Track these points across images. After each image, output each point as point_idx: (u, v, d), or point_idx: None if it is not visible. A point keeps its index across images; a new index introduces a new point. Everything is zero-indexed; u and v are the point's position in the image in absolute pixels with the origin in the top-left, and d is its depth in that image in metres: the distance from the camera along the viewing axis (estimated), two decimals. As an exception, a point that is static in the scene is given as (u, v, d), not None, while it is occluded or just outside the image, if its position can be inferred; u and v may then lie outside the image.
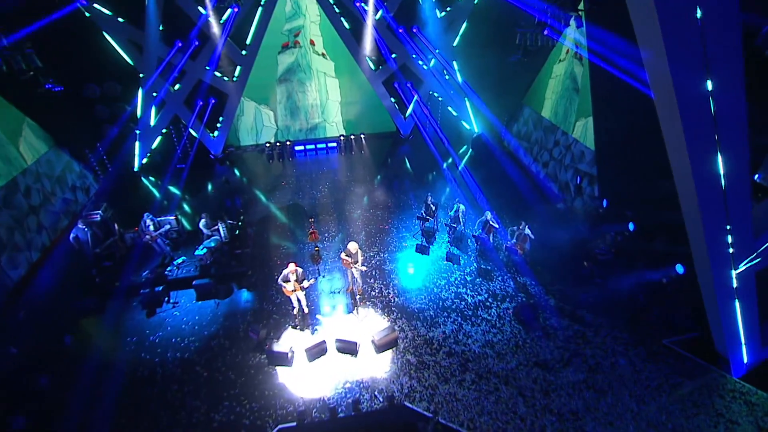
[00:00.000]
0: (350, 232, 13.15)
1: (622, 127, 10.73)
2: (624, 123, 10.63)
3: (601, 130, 11.50)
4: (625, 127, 10.62)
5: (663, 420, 7.97)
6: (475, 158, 17.86)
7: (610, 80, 10.16)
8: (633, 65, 9.67)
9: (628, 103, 10.22)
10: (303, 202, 14.88)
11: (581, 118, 12.64)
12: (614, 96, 10.66)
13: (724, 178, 5.29)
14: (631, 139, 10.46)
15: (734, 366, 8.89)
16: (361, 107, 19.11)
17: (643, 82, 9.48)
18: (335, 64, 18.07)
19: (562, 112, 13.66)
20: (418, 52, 16.73)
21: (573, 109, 12.99)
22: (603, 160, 11.69)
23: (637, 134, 10.30)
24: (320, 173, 16.88)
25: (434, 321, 10.04)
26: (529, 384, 8.61)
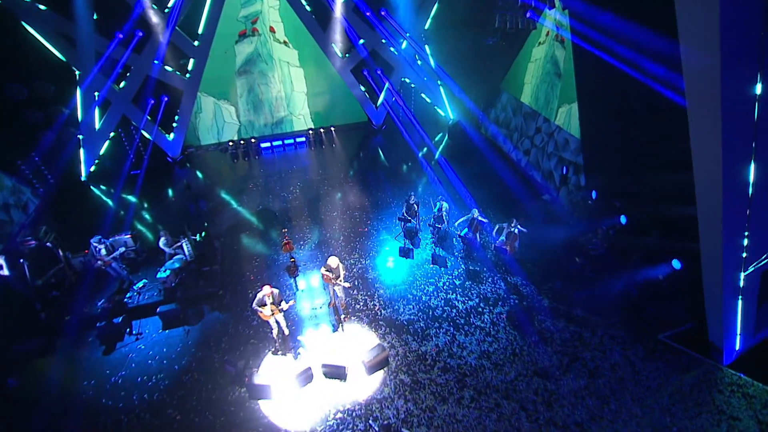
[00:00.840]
0: (327, 238, 12.25)
1: (609, 114, 10.24)
2: (612, 109, 10.14)
3: (587, 117, 10.98)
4: (612, 113, 10.13)
5: (668, 423, 7.74)
6: (453, 146, 17.14)
7: (596, 64, 9.56)
8: (622, 48, 9.10)
9: (616, 88, 9.69)
10: (274, 207, 13.78)
11: (564, 105, 12.09)
12: (601, 81, 10.11)
13: (753, 186, 4.79)
14: (619, 126, 9.99)
15: (726, 354, 8.82)
16: (329, 98, 17.91)
17: (633, 66, 8.94)
18: (299, 52, 16.71)
19: (543, 97, 13.08)
20: (387, 36, 15.63)
21: (555, 94, 12.41)
22: (589, 149, 11.23)
23: (626, 121, 9.83)
24: (290, 172, 15.72)
25: (425, 333, 9.43)
26: (530, 396, 8.18)
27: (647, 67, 8.67)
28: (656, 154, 9.28)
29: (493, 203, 13.40)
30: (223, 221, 13.15)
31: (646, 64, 8.67)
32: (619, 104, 9.83)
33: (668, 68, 8.33)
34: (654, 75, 8.60)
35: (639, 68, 8.85)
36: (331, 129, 17.83)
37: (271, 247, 12.03)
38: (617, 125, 10.09)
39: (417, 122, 17.75)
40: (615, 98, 9.90)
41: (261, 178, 15.39)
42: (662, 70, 8.47)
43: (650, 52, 8.46)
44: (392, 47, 16.20)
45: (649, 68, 8.64)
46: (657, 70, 8.54)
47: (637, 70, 8.91)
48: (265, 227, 12.83)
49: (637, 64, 8.87)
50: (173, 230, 11.51)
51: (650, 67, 8.62)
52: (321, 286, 10.52)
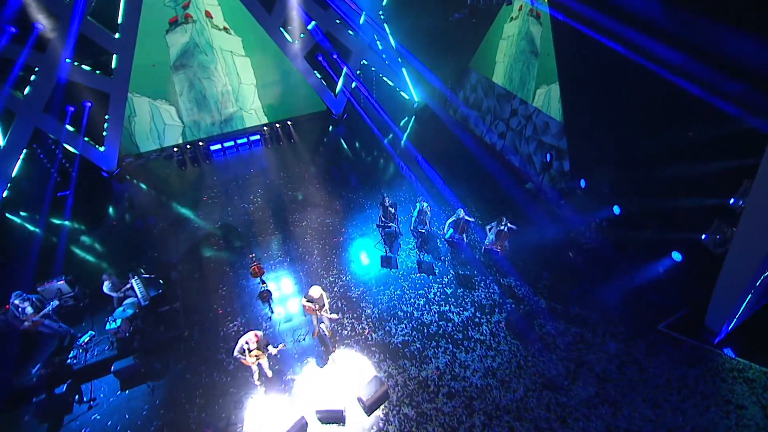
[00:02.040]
0: (300, 254, 11.03)
1: (595, 96, 9.55)
2: (597, 90, 9.45)
3: (570, 99, 10.27)
4: (598, 95, 9.45)
5: (681, 423, 7.55)
6: (422, 130, 16.09)
7: (578, 40, 8.77)
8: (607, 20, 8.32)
9: (602, 66, 8.98)
10: (235, 221, 12.26)
11: (542, 85, 11.31)
12: (584, 59, 9.36)
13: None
14: (606, 108, 9.36)
15: (720, 336, 8.81)
16: (282, 88, 16.11)
17: (620, 41, 8.20)
18: (243, 39, 14.71)
19: (519, 78, 12.22)
20: (343, 16, 14.01)
21: (532, 74, 11.58)
22: (573, 133, 10.60)
23: (613, 103, 9.19)
24: (248, 177, 14.10)
25: (423, 355, 8.68)
26: (542, 414, 7.71)
27: (637, 41, 7.96)
28: (648, 138, 8.76)
29: (474, 195, 12.63)
30: (177, 245, 11.52)
31: (636, 38, 7.96)
32: (606, 84, 9.15)
33: (661, 42, 7.66)
34: (645, 50, 7.91)
35: (627, 43, 8.14)
36: (288, 123, 16.16)
37: (238, 271, 10.67)
38: (604, 107, 9.46)
39: (380, 108, 16.49)
40: (601, 78, 9.21)
41: (216, 187, 13.67)
42: (654, 45, 7.80)
43: (639, 24, 7.73)
44: (350, 30, 14.61)
45: (639, 43, 7.94)
46: (649, 45, 7.85)
47: (624, 45, 8.20)
48: (229, 247, 11.37)
49: (624, 39, 8.15)
50: (119, 262, 9.90)
51: (640, 42, 7.92)
52: (301, 312, 9.42)
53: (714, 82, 7.09)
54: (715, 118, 7.28)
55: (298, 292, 10.00)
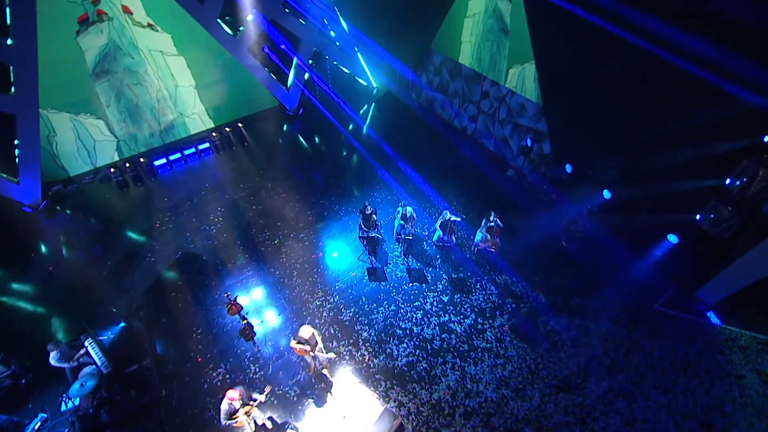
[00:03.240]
0: (278, 279, 10.00)
1: (575, 74, 9.03)
2: (578, 68, 8.92)
3: (548, 79, 9.70)
4: (579, 73, 8.94)
5: (692, 405, 7.63)
6: (385, 119, 15.11)
7: (554, 15, 8.14)
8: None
9: (582, 43, 8.43)
10: (197, 248, 10.90)
11: (515, 65, 10.68)
12: (562, 36, 8.76)
13: None
14: (588, 86, 8.89)
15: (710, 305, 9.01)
16: (227, 87, 14.38)
17: (602, 15, 7.65)
18: (173, 35, 12.76)
19: (489, 58, 11.50)
20: (288, 1, 12.45)
21: (503, 54, 10.90)
22: (553, 116, 10.11)
23: (595, 81, 8.73)
24: (203, 193, 12.58)
25: (432, 375, 8.16)
26: (562, 418, 7.50)
27: (619, 12, 7.45)
28: (635, 119, 8.43)
29: (453, 187, 12.00)
30: (133, 285, 10.08)
31: (618, 9, 7.44)
32: (586, 61, 8.64)
33: (644, 12, 7.18)
34: (627, 23, 7.42)
35: (608, 15, 7.61)
36: (239, 125, 14.56)
37: (211, 307, 9.51)
38: (585, 87, 8.99)
39: (338, 98, 15.25)
40: (581, 55, 8.67)
41: (168, 209, 12.08)
42: (636, 15, 7.32)
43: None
44: (297, 16, 13.07)
45: (622, 14, 7.43)
46: (631, 16, 7.36)
47: (605, 18, 7.66)
48: (195, 281, 10.10)
49: (605, 10, 7.61)
50: (65, 320, 8.44)
51: (623, 13, 7.42)
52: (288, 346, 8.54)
53: (706, 55, 6.70)
54: (707, 95, 6.99)
55: (284, 323, 9.07)
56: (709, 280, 8.41)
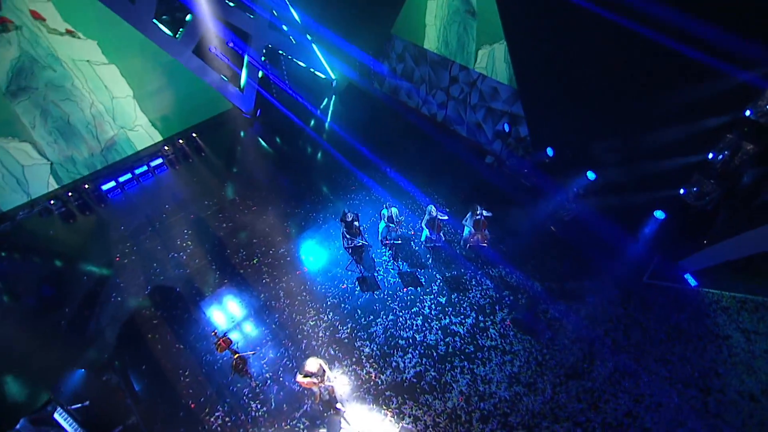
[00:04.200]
0: (264, 303, 9.32)
1: (549, 53, 8.75)
2: (551, 47, 8.63)
3: (521, 60, 9.37)
4: (552, 52, 8.67)
5: (690, 372, 7.94)
6: (349, 111, 14.37)
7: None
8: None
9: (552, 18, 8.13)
10: (167, 279, 9.94)
11: (484, 46, 10.30)
12: (534, 13, 8.40)
13: None
14: (563, 67, 8.67)
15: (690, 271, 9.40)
16: (172, 93, 13.01)
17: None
18: (99, 42, 11.24)
19: (456, 41, 11.04)
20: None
21: (471, 36, 10.47)
22: (529, 99, 9.87)
23: (570, 60, 8.50)
24: (165, 215, 11.45)
25: (442, 383, 7.96)
26: (576, 406, 7.58)
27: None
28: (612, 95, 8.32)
29: (432, 180, 11.64)
30: (101, 333, 9.05)
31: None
32: (561, 38, 8.35)
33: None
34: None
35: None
36: (193, 135, 13.30)
37: (195, 344, 8.73)
38: (560, 64, 8.74)
39: (297, 94, 14.30)
40: (554, 32, 8.37)
41: (128, 239, 10.89)
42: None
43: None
44: (244, 10, 11.88)
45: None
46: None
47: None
48: (172, 317, 9.22)
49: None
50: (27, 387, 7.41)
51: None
52: (291, 378, 8.03)
53: (685, 28, 6.57)
54: (688, 70, 6.91)
55: (279, 350, 8.50)
56: (691, 249, 8.66)
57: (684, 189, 8.10)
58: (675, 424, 7.34)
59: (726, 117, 6.95)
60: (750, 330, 8.46)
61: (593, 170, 9.17)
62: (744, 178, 7.28)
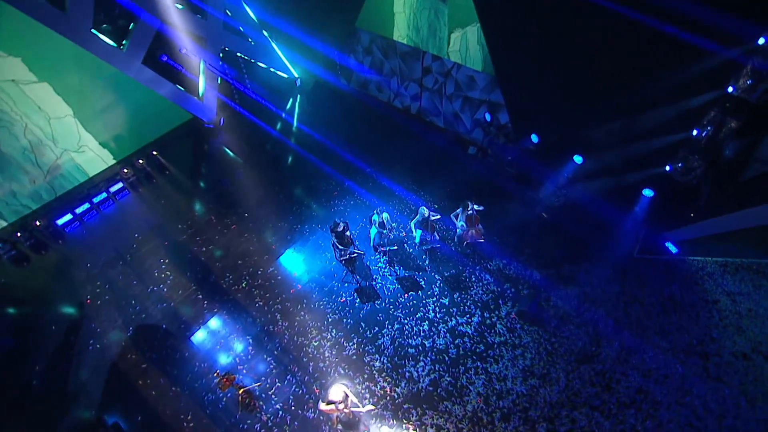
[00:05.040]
0: (260, 327, 8.81)
1: (525, 34, 8.56)
2: (526, 27, 8.44)
3: (497, 41, 9.11)
4: (528, 32, 8.48)
5: (688, 340, 8.28)
6: (318, 110, 13.70)
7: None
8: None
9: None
10: (150, 316, 9.14)
11: (456, 29, 10.08)
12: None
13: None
14: (539, 46, 8.50)
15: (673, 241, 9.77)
16: (123, 109, 11.81)
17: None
18: (24, 58, 9.92)
19: (426, 27, 10.70)
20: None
21: (442, 21, 10.18)
22: (508, 85, 9.68)
23: (546, 38, 8.33)
24: (134, 245, 10.48)
25: (459, 387, 7.87)
26: (589, 390, 7.73)
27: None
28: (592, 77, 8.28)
29: (415, 177, 11.35)
30: (84, 388, 8.22)
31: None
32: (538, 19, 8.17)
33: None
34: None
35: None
36: (153, 152, 12.20)
37: (194, 384, 8.11)
38: (538, 46, 8.57)
39: (261, 98, 13.45)
40: (530, 12, 8.17)
41: (96, 278, 9.88)
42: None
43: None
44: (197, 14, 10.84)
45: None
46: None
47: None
48: (163, 358, 8.51)
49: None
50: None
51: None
52: (302, 412, 7.66)
53: (666, 5, 6.55)
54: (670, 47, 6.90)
55: (286, 376, 8.08)
56: (679, 222, 8.94)
57: (670, 166, 8.28)
58: (682, 393, 7.64)
59: (709, 94, 7.07)
60: (734, 292, 8.90)
61: (580, 154, 9.20)
62: (726, 151, 7.49)
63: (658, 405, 7.50)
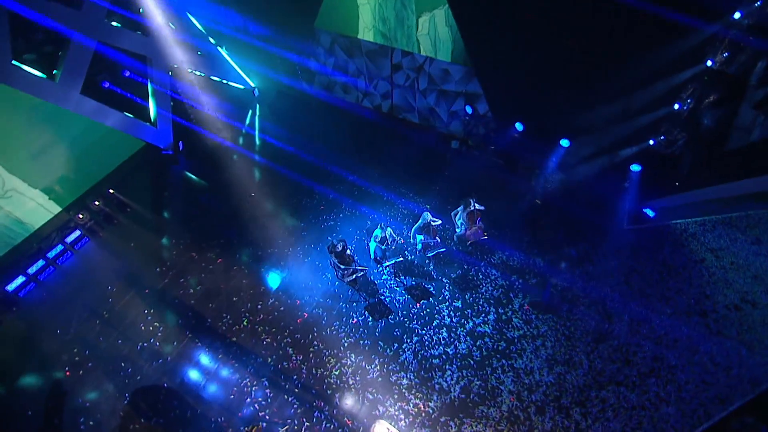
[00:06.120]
0: (273, 364, 8.25)
1: (498, 16, 8.39)
2: (499, 9, 8.28)
3: (469, 26, 8.89)
4: (501, 14, 8.32)
5: (687, 301, 8.77)
6: (286, 120, 12.89)
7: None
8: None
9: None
10: (145, 377, 8.24)
11: (424, 13, 9.87)
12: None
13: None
14: (513, 29, 8.38)
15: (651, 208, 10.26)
16: (65, 146, 10.39)
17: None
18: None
19: (393, 16, 10.30)
20: (114, 9, 8.98)
21: (410, 9, 9.89)
22: (484, 70, 9.50)
23: (520, 20, 8.20)
24: (109, 300, 9.35)
25: (490, 389, 7.84)
26: (612, 367, 8.01)
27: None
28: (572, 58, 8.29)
29: (398, 175, 11.05)
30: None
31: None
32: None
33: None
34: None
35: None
36: (110, 191, 10.89)
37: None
38: (512, 29, 8.44)
39: (219, 114, 12.42)
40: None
41: (71, 344, 8.68)
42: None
43: None
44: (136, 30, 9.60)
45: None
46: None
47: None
48: (172, 422, 7.71)
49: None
50: None
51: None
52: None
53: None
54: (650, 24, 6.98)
55: (312, 414, 7.64)
56: (665, 192, 9.34)
57: (654, 140, 8.56)
58: (691, 353, 8.10)
59: (689, 70, 7.30)
60: (716, 248, 9.51)
61: (566, 137, 9.31)
62: (706, 122, 7.84)
63: (674, 369, 7.91)
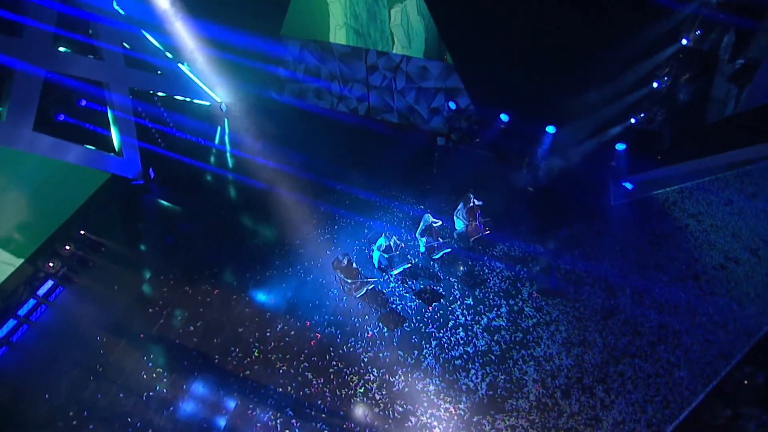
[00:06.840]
0: (291, 391, 7.93)
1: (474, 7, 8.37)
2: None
3: (445, 19, 8.81)
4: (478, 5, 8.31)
5: (679, 267, 9.26)
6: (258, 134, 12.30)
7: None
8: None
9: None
10: (158, 428, 7.68)
11: (396, 5, 9.70)
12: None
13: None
14: (490, 19, 8.38)
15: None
16: (19, 190, 9.36)
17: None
18: None
19: (365, 12, 10.06)
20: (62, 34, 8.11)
21: (381, 4, 9.69)
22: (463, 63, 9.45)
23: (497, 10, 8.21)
24: (101, 351, 8.55)
25: (515, 381, 7.94)
26: (624, 341, 8.34)
27: None
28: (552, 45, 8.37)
29: (387, 179, 10.87)
30: None
31: None
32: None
33: None
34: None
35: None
36: (81, 232, 9.95)
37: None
38: (489, 19, 8.42)
39: (188, 134, 11.67)
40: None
41: (67, 407, 7.79)
42: None
43: None
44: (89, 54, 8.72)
45: None
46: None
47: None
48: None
49: None
50: None
51: None
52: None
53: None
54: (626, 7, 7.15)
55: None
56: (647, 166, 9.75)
57: (635, 118, 8.88)
58: (692, 316, 8.57)
59: (666, 50, 7.57)
60: (696, 213, 10.07)
61: (552, 124, 9.47)
62: (682, 96, 8.21)
63: (679, 333, 8.34)
